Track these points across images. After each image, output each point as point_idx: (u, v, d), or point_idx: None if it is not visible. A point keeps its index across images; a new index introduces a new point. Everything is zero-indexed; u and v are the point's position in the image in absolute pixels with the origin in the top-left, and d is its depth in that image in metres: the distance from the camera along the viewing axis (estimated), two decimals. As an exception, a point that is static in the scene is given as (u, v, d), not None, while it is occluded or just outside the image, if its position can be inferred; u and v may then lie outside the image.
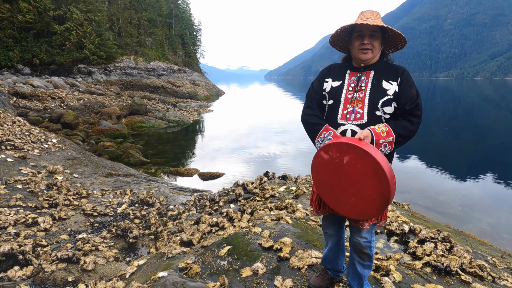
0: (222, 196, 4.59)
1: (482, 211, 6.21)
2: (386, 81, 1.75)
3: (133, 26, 37.17)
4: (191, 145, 12.41)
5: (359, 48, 1.76)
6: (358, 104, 1.75)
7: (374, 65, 1.82)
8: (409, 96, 1.73)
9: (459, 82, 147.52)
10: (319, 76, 1.96)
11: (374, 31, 1.74)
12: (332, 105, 1.82)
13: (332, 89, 1.85)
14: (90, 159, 7.10)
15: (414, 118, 1.72)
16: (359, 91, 1.77)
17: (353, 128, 1.74)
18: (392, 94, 1.73)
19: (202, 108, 24.06)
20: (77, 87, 21.35)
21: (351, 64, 1.88)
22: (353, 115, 1.75)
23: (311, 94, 1.95)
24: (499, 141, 14.13)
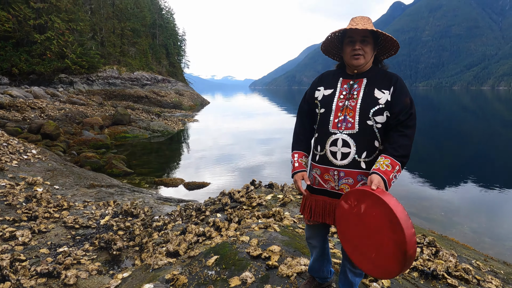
0: (209, 206, 4.53)
1: (464, 216, 6.36)
2: (378, 90, 1.73)
3: (116, 35, 36.86)
4: (176, 155, 12.28)
5: (351, 54, 1.74)
6: (350, 113, 1.73)
7: (367, 72, 1.80)
8: (403, 105, 1.69)
9: (438, 91, 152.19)
10: (312, 85, 1.97)
11: (365, 36, 1.72)
12: (324, 113, 1.81)
13: (324, 97, 1.83)
14: (72, 170, 6.91)
15: (409, 130, 1.69)
16: (351, 99, 1.75)
17: (344, 138, 1.72)
18: (384, 103, 1.70)
19: (186, 118, 23.91)
20: (58, 97, 20.88)
21: (344, 71, 1.86)
22: (344, 124, 1.73)
23: (302, 105, 1.98)
24: (477, 147, 14.58)
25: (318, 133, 1.85)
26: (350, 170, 1.72)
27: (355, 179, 1.72)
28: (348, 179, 1.73)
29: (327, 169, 1.78)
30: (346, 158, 1.72)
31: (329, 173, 1.78)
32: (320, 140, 1.82)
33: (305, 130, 1.95)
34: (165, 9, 60.32)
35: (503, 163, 11.51)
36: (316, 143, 1.86)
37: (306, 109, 1.95)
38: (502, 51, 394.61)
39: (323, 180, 1.81)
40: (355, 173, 1.72)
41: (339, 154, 1.73)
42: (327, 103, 1.81)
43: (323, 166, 1.80)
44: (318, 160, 1.82)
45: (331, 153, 1.76)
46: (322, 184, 1.82)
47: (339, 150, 1.73)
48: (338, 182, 1.76)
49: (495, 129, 20.76)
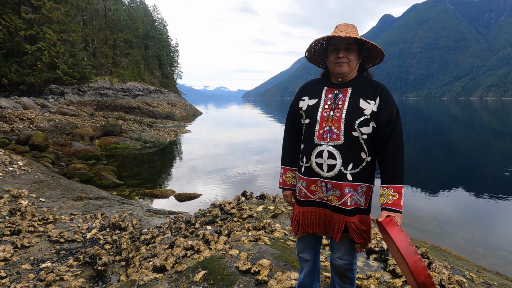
0: (199, 218, 4.44)
1: (456, 226, 6.35)
2: (364, 100, 1.68)
3: (108, 46, 36.84)
4: (168, 166, 12.14)
5: (335, 62, 1.70)
6: (335, 123, 1.68)
7: (352, 82, 1.75)
8: (389, 117, 1.66)
9: (428, 102, 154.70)
10: (296, 95, 1.92)
11: (349, 44, 1.68)
12: (309, 124, 1.76)
13: (308, 107, 1.78)
14: (59, 182, 6.76)
15: (398, 146, 1.67)
16: (336, 109, 1.70)
17: (330, 149, 1.66)
18: (369, 114, 1.66)
19: (179, 129, 23.79)
20: (48, 108, 20.64)
21: (329, 80, 1.82)
22: (329, 135, 1.68)
23: (288, 117, 1.95)
24: (467, 157, 14.73)
25: (303, 144, 1.80)
26: (337, 182, 1.67)
27: (342, 191, 1.67)
28: (335, 191, 1.68)
29: (313, 181, 1.73)
30: (332, 170, 1.67)
31: (316, 184, 1.73)
32: (305, 152, 1.76)
33: (292, 142, 1.92)
34: (158, 21, 60.67)
35: (492, 172, 11.62)
36: (302, 154, 1.80)
37: (292, 120, 1.91)
38: (489, 63, 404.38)
39: (310, 191, 1.76)
40: (342, 185, 1.66)
41: (325, 166, 1.68)
42: (311, 113, 1.75)
43: (309, 178, 1.74)
44: (304, 171, 1.77)
45: (317, 164, 1.70)
46: (309, 195, 1.77)
47: (325, 162, 1.68)
48: (326, 193, 1.71)
49: (484, 139, 21.05)
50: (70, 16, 29.18)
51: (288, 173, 1.93)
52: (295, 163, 1.92)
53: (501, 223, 6.81)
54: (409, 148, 17.28)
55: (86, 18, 34.48)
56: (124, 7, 46.02)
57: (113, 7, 38.97)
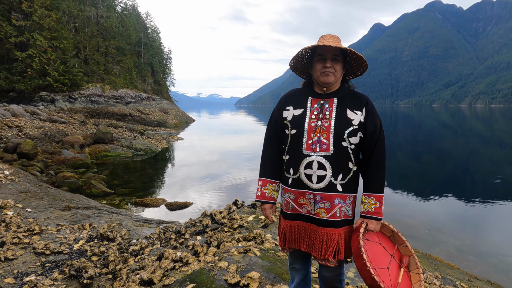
0: (189, 228, 4.37)
1: (448, 233, 6.37)
2: (351, 111, 1.70)
3: (100, 53, 36.66)
4: (159, 174, 12.02)
5: (321, 72, 1.70)
6: (324, 134, 1.67)
7: (337, 92, 1.76)
8: (374, 128, 1.70)
9: (419, 109, 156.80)
10: (278, 104, 1.87)
11: (335, 55, 1.70)
12: (295, 134, 1.73)
13: (294, 117, 1.75)
14: (47, 192, 6.62)
15: (381, 155, 1.72)
16: (323, 119, 1.69)
17: (320, 160, 1.65)
18: (357, 124, 1.68)
19: (171, 136, 23.66)
20: (38, 115, 20.37)
21: (313, 89, 1.81)
22: (318, 146, 1.67)
23: (270, 127, 1.89)
24: (458, 164, 14.89)
25: (289, 155, 1.75)
26: (326, 193, 1.65)
27: (332, 202, 1.66)
28: (325, 203, 1.66)
29: (302, 193, 1.70)
30: (322, 181, 1.65)
31: (304, 197, 1.70)
32: (292, 163, 1.73)
33: (274, 153, 1.86)
34: (151, 28, 60.73)
35: (482, 179, 11.75)
36: (288, 166, 1.76)
37: (275, 131, 1.86)
38: (477, 71, 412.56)
39: (298, 204, 1.73)
40: (332, 196, 1.65)
41: (314, 177, 1.66)
42: (298, 123, 1.73)
43: (297, 190, 1.71)
44: (292, 183, 1.73)
45: (306, 176, 1.67)
46: (297, 208, 1.74)
47: (315, 173, 1.66)
48: (314, 206, 1.68)
49: (474, 146, 21.34)
50: (61, 23, 29.04)
51: (268, 186, 1.85)
52: (275, 175, 1.86)
53: (491, 230, 6.86)
54: (400, 154, 17.41)
55: (78, 25, 34.31)
56: (116, 14, 45.95)
57: (106, 15, 38.86)
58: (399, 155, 17.27)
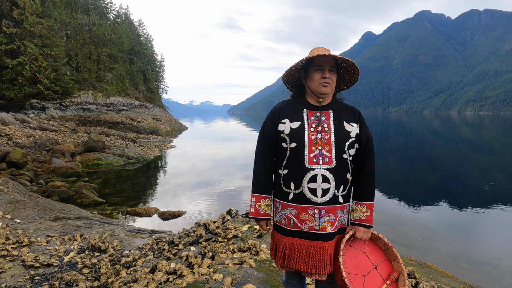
0: (182, 238, 4.31)
1: (441, 240, 6.39)
2: (347, 123, 1.73)
3: (92, 61, 36.48)
4: (152, 182, 11.90)
5: (320, 82, 1.69)
6: (325, 146, 1.67)
7: (331, 105, 1.78)
8: (367, 139, 1.76)
9: (410, 116, 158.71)
10: (271, 118, 1.80)
11: (332, 66, 1.71)
12: (296, 148, 1.69)
13: (292, 130, 1.71)
14: (37, 202, 6.50)
15: (373, 166, 1.77)
16: (323, 131, 1.69)
17: (323, 173, 1.64)
18: (354, 136, 1.72)
19: (163, 144, 23.51)
20: (28, 123, 20.10)
21: (306, 101, 1.79)
22: (321, 159, 1.65)
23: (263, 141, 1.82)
24: (449, 170, 15.04)
25: (288, 169, 1.71)
26: (330, 206, 1.65)
27: (335, 215, 1.67)
28: (330, 216, 1.66)
29: (305, 208, 1.66)
30: (326, 194, 1.64)
31: (307, 212, 1.66)
32: (293, 177, 1.69)
33: (266, 168, 1.80)
34: (144, 36, 60.77)
35: (473, 185, 11.88)
36: (288, 180, 1.71)
37: (268, 145, 1.79)
38: (466, 79, 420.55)
39: (300, 220, 1.68)
40: (335, 208, 1.67)
41: (319, 191, 1.64)
42: (297, 136, 1.69)
43: (299, 205, 1.67)
44: (293, 199, 1.69)
45: (309, 190, 1.64)
46: (298, 225, 1.68)
47: (319, 187, 1.64)
48: (319, 221, 1.65)
49: (464, 152, 21.62)
50: (53, 31, 28.85)
51: (262, 201, 1.79)
52: (268, 190, 1.81)
53: (482, 236, 6.91)
54: (392, 161, 17.54)
55: (69, 32, 34.16)
56: (109, 22, 45.90)
57: (98, 22, 38.76)
58: (391, 162, 17.40)
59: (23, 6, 25.12)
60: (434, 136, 36.19)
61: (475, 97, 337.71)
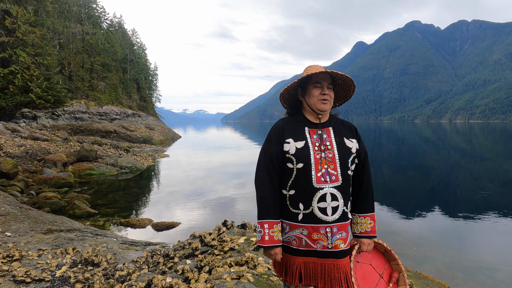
0: (178, 251, 4.25)
1: (436, 250, 6.41)
2: (347, 139, 1.76)
3: (85, 70, 36.32)
4: (145, 192, 11.78)
5: (319, 98, 1.71)
6: (330, 165, 1.67)
7: (330, 121, 1.79)
8: (364, 153, 1.82)
9: (402, 125, 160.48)
10: (275, 137, 1.74)
11: (330, 83, 1.75)
12: (303, 168, 1.66)
13: (297, 150, 1.67)
14: (28, 214, 6.37)
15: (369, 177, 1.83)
16: (326, 150, 1.69)
17: (332, 192, 1.64)
18: (355, 152, 1.75)
19: (157, 153, 23.37)
20: (19, 133, 19.85)
21: (305, 119, 1.78)
22: (328, 177, 1.65)
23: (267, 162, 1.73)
24: (441, 178, 15.18)
25: (295, 190, 1.67)
26: (342, 223, 1.67)
27: (346, 231, 1.70)
28: (342, 233, 1.67)
29: (316, 228, 1.65)
30: (336, 212, 1.65)
31: (319, 232, 1.64)
32: (302, 197, 1.66)
33: (274, 191, 1.72)
34: (137, 45, 60.83)
35: (465, 193, 11.99)
36: (296, 201, 1.67)
37: (274, 166, 1.72)
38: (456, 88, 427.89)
39: (312, 240, 1.66)
40: (346, 225, 1.70)
41: (329, 209, 1.64)
42: (303, 156, 1.66)
43: (310, 225, 1.65)
44: (303, 219, 1.66)
45: (319, 209, 1.63)
46: (311, 244, 1.67)
47: (329, 205, 1.64)
48: (331, 239, 1.64)
49: (456, 160, 21.86)
50: (46, 40, 28.70)
51: (275, 227, 1.69)
52: (277, 214, 1.72)
53: (476, 245, 6.95)
54: (386, 169, 17.65)
55: (63, 41, 34.02)
56: (102, 31, 45.88)
57: (91, 31, 38.72)
58: (384, 170, 17.51)
59: (16, 15, 25.00)
60: (426, 144, 36.59)
61: (465, 106, 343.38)
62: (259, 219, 1.71)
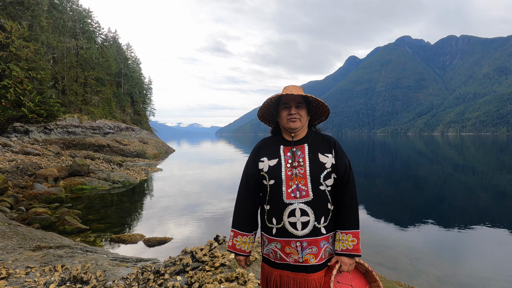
0: (168, 267, 4.20)
1: (429, 263, 6.40)
2: (322, 154, 1.78)
3: (79, 84, 36.32)
4: (137, 207, 11.66)
5: (287, 118, 1.80)
6: (301, 181, 1.72)
7: (306, 138, 1.85)
8: (345, 167, 1.79)
9: (395, 137, 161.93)
10: (253, 157, 1.90)
11: (299, 102, 1.81)
12: (274, 184, 1.76)
13: (270, 168, 1.79)
14: (16, 230, 6.26)
15: (353, 194, 1.79)
16: (298, 167, 1.75)
17: (302, 207, 1.70)
18: (330, 167, 1.76)
19: (150, 167, 23.23)
20: (11, 147, 19.64)
21: (283, 138, 1.88)
22: (298, 193, 1.71)
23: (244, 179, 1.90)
24: (434, 191, 15.26)
25: (269, 205, 1.78)
26: (312, 238, 1.69)
27: (318, 246, 1.70)
28: (312, 248, 1.70)
29: (288, 242, 1.72)
30: (306, 227, 1.69)
31: (290, 246, 1.71)
32: (275, 213, 1.76)
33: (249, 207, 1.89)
34: (131, 59, 61.16)
35: (458, 206, 12.05)
36: (271, 215, 1.78)
37: (251, 183, 1.88)
38: (447, 101, 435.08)
39: (285, 253, 1.74)
40: (318, 240, 1.70)
41: (299, 224, 1.69)
42: (275, 173, 1.76)
43: (283, 239, 1.73)
44: (276, 233, 1.75)
45: (290, 224, 1.71)
46: (284, 258, 1.74)
47: (299, 220, 1.69)
48: (302, 254, 1.70)
49: (449, 172, 22.04)
50: (40, 54, 28.77)
51: (239, 238, 1.88)
52: (247, 228, 1.88)
53: (469, 258, 6.95)
54: (379, 182, 17.72)
55: (56, 56, 34.12)
56: (97, 46, 46.14)
57: (86, 46, 38.93)
58: (378, 183, 17.57)
59: (10, 30, 25.10)
60: (419, 156, 36.90)
61: (456, 119, 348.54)
62: (231, 226, 1.93)
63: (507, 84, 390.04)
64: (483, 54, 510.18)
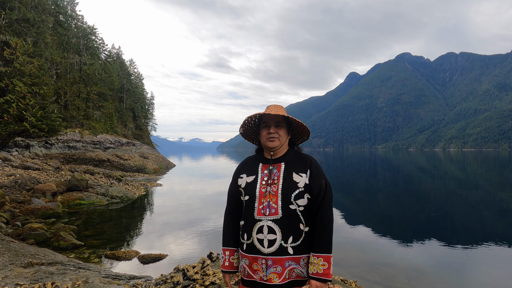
0: (159, 285, 4.13)
1: (428, 283, 6.25)
2: (296, 174, 1.77)
3: (81, 99, 36.68)
4: (135, 223, 11.55)
5: (266, 137, 1.82)
6: (272, 198, 1.72)
7: (284, 157, 1.86)
8: (319, 188, 1.75)
9: (396, 153, 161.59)
10: (235, 174, 1.98)
11: (278, 122, 1.83)
12: (248, 200, 1.79)
13: (247, 184, 1.83)
14: (9, 246, 6.19)
15: (326, 214, 1.73)
16: (272, 184, 1.76)
17: (269, 224, 1.69)
18: (303, 187, 1.74)
19: (149, 182, 23.15)
20: (10, 162, 19.67)
21: (262, 156, 1.92)
22: (268, 210, 1.71)
23: (228, 196, 1.97)
24: (436, 207, 15.08)
25: (243, 220, 1.80)
26: (277, 257, 1.67)
27: (283, 266, 1.67)
28: (276, 267, 1.67)
29: (255, 258, 1.71)
30: (273, 245, 1.67)
31: (257, 262, 1.70)
32: (246, 228, 1.77)
33: (234, 221, 1.91)
34: (134, 75, 61.92)
35: (460, 222, 11.89)
36: (243, 231, 1.79)
37: (233, 199, 1.93)
38: (448, 117, 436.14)
39: (252, 270, 1.73)
40: (283, 260, 1.67)
41: (265, 242, 1.68)
42: (250, 190, 1.79)
43: (251, 256, 1.73)
44: (246, 249, 1.76)
45: (258, 240, 1.70)
46: (251, 275, 1.73)
47: (266, 237, 1.68)
48: (266, 272, 1.68)
49: (451, 188, 21.85)
50: (43, 70, 29.19)
51: (235, 254, 1.90)
52: (236, 243, 1.91)
53: (471, 278, 6.80)
54: (381, 198, 17.56)
55: (60, 71, 34.59)
56: (100, 62, 46.82)
57: (89, 62, 39.49)
58: (379, 198, 17.42)
59: (15, 46, 25.54)
60: (421, 172, 36.70)
61: (457, 134, 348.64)
62: (223, 246, 1.93)
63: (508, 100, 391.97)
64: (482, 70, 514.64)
